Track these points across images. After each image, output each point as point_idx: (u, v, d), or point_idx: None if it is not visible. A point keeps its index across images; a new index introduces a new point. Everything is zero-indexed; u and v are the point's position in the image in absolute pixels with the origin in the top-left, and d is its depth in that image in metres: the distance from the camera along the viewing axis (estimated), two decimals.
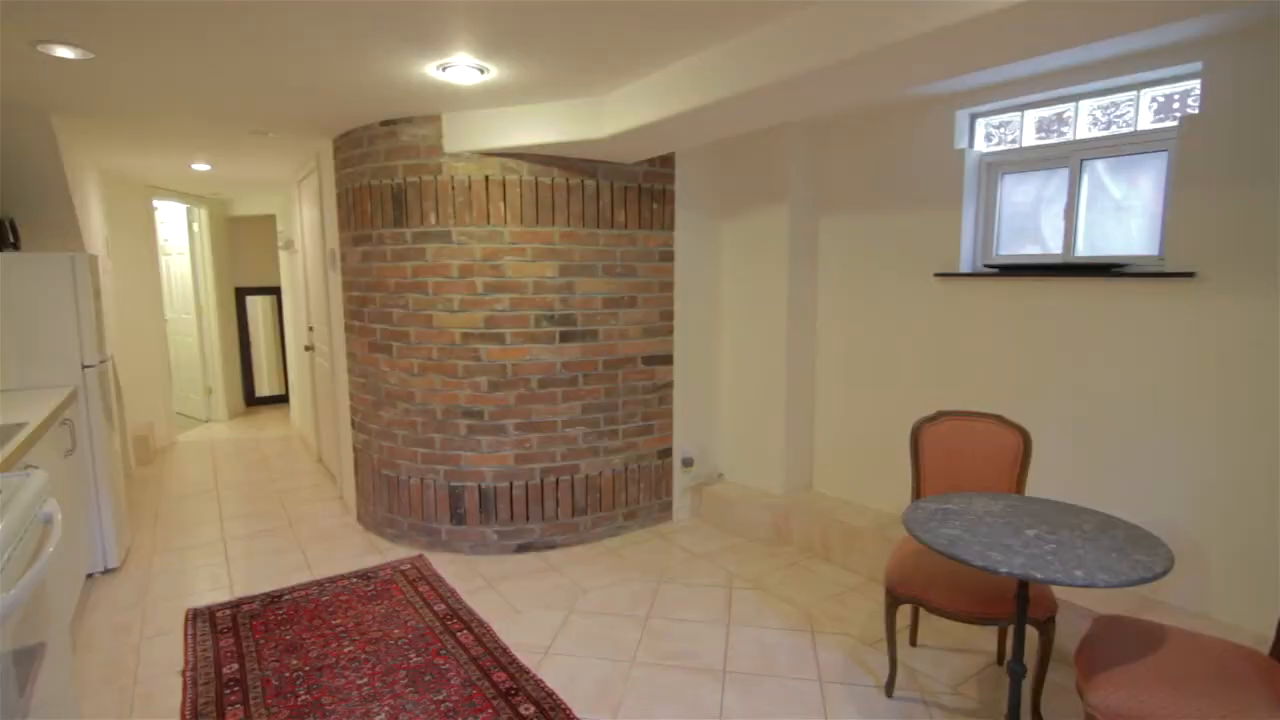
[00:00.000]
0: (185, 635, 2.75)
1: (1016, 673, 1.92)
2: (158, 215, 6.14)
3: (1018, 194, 3.05)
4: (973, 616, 2.10)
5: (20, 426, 2.34)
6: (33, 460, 2.36)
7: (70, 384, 3.15)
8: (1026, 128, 2.97)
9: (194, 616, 2.89)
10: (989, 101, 2.94)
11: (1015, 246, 3.05)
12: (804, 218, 3.56)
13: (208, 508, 4.29)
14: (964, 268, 3.05)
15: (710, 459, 4.06)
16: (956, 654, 2.59)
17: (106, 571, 3.33)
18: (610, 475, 3.70)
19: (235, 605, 2.98)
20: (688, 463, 3.94)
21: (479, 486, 3.50)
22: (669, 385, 3.84)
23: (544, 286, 3.43)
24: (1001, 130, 3.06)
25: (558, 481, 3.57)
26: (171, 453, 5.63)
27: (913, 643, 2.64)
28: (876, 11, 1.84)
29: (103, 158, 4.49)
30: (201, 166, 4.85)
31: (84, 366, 3.18)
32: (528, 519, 3.55)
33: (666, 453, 3.88)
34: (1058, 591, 2.53)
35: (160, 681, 2.45)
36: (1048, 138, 2.91)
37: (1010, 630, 2.58)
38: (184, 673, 2.50)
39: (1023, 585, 1.90)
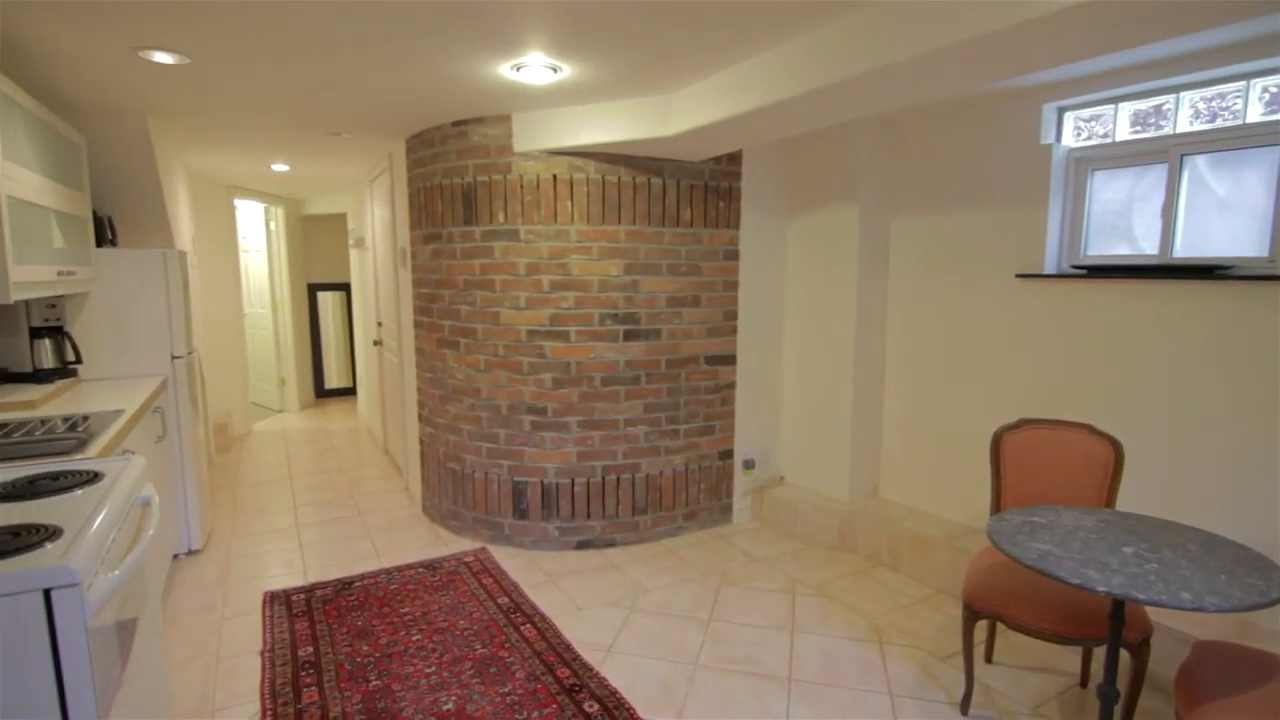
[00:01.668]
0: (263, 617, 2.86)
1: (1109, 697, 1.81)
2: (238, 214, 6.43)
3: (1108, 191, 2.89)
4: (1058, 635, 2.00)
5: (118, 413, 2.48)
6: (129, 446, 2.49)
7: (161, 374, 3.31)
8: (1120, 121, 2.81)
9: (271, 599, 3.01)
10: (1079, 94, 2.80)
11: (1104, 246, 2.89)
12: (875, 216, 3.46)
13: (282, 495, 4.46)
14: (1049, 269, 2.91)
15: (772, 461, 4.00)
16: (1035, 673, 2.47)
17: (190, 553, 3.50)
18: (671, 475, 3.68)
19: (309, 590, 3.08)
20: (749, 464, 3.89)
21: (541, 482, 3.53)
22: (731, 385, 3.79)
23: (609, 285, 3.43)
24: (1092, 124, 2.90)
25: (619, 480, 3.58)
26: (248, 441, 5.88)
27: (988, 659, 2.53)
28: (954, 8, 1.76)
29: (190, 159, 4.72)
30: (280, 167, 5.05)
31: (173, 357, 3.34)
32: (588, 516, 3.56)
33: (727, 454, 3.84)
34: (1150, 612, 2.39)
35: (241, 660, 2.56)
36: (1144, 131, 2.75)
37: (1096, 651, 2.44)
38: (263, 653, 2.59)
39: (1118, 605, 1.79)
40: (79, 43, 2.32)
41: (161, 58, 2.47)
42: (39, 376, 2.93)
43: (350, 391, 7.76)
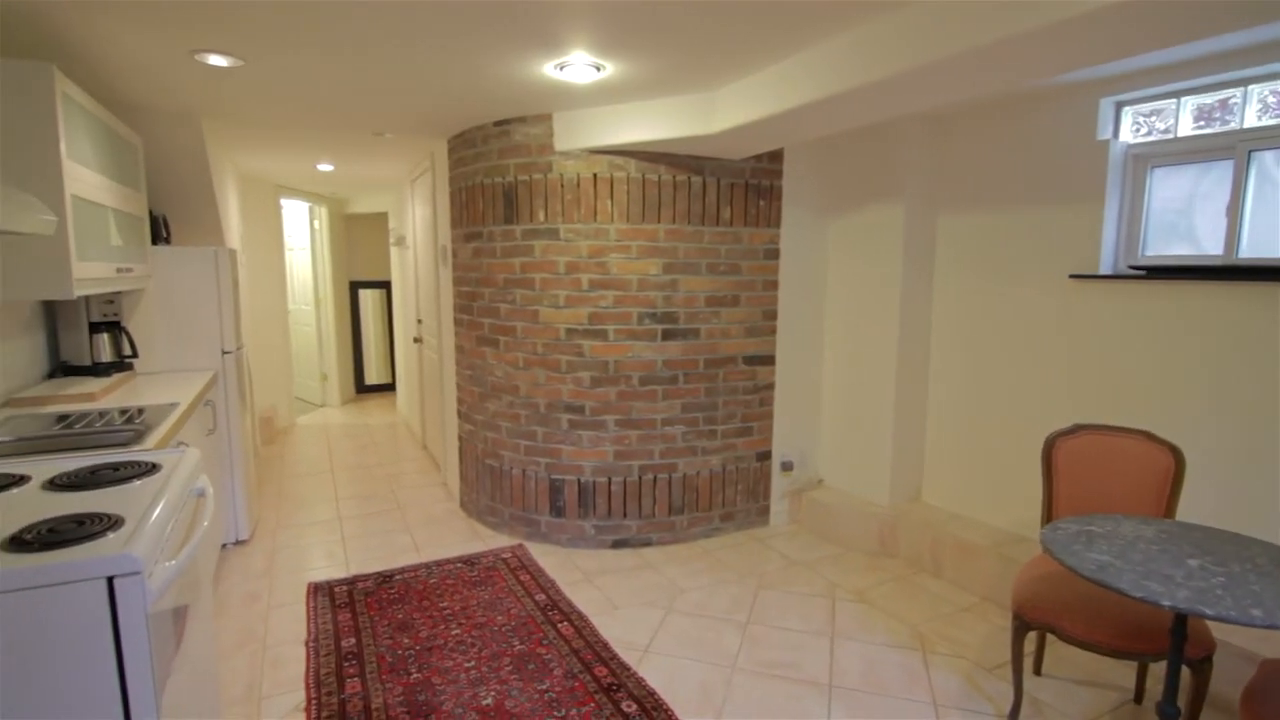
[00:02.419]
0: (307, 607, 2.92)
1: (1169, 715, 1.74)
2: (283, 213, 6.58)
3: (1168, 189, 2.78)
4: (1114, 649, 1.93)
5: (173, 406, 2.55)
6: (183, 438, 2.57)
7: (212, 368, 3.40)
8: (1183, 116, 2.70)
9: (315, 590, 3.07)
10: (1138, 88, 2.69)
11: (1163, 246, 2.78)
12: (921, 214, 3.39)
13: (324, 488, 4.55)
14: (1104, 269, 2.81)
15: (810, 464, 3.95)
16: (1087, 687, 2.39)
17: (238, 543, 3.59)
18: (708, 475, 3.65)
19: (351, 582, 3.14)
20: (787, 466, 3.84)
21: (578, 480, 3.54)
22: (770, 386, 3.75)
23: (647, 284, 3.42)
24: (1152, 119, 2.79)
25: (655, 479, 3.56)
26: (291, 434, 6.02)
27: (1037, 671, 2.46)
28: (1001, 5, 1.71)
29: (239, 159, 4.85)
30: (326, 166, 5.15)
31: (224, 352, 3.43)
32: (625, 515, 3.56)
33: (765, 455, 3.80)
34: (1212, 628, 2.29)
35: (286, 649, 2.61)
36: (1208, 127, 2.64)
37: (1152, 667, 2.35)
38: (307, 643, 2.65)
39: (1180, 620, 1.72)
40: (139, 46, 2.39)
41: (216, 60, 2.53)
42: (97, 370, 3.04)
43: (389, 387, 7.89)
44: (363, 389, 7.80)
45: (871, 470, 3.62)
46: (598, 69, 2.59)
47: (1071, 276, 2.87)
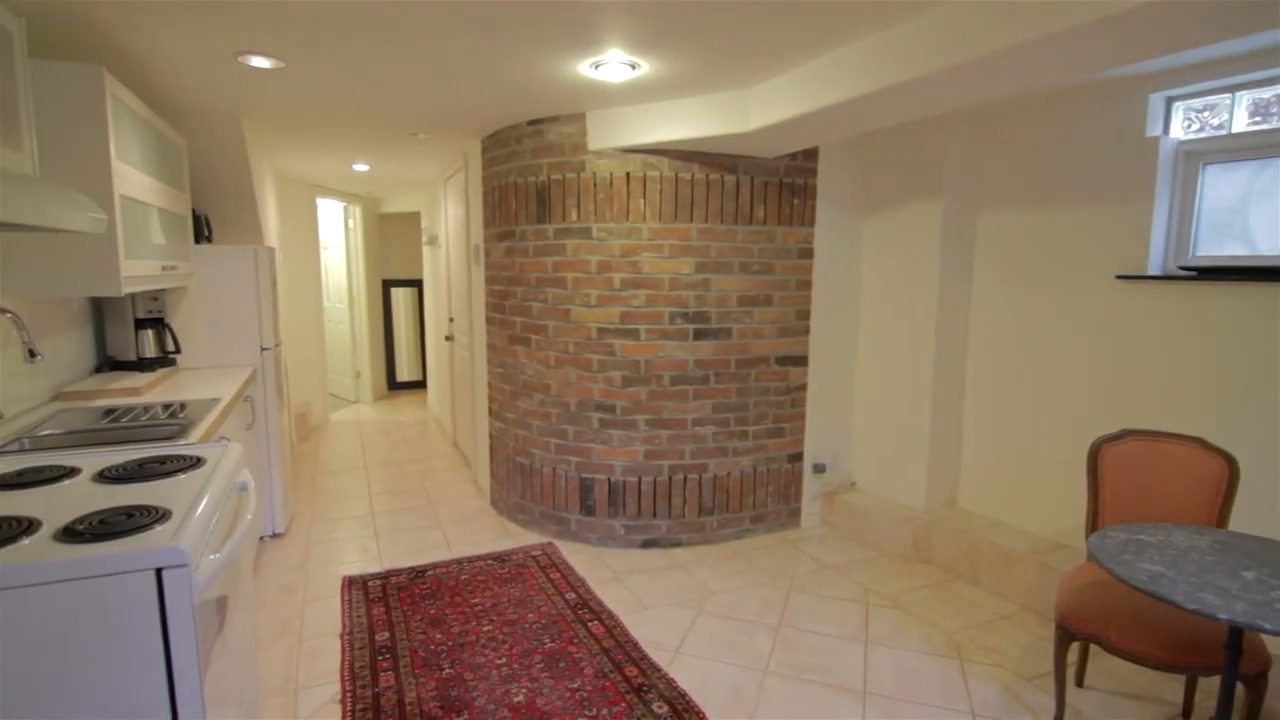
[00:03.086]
0: (342, 601, 2.96)
1: None
2: (319, 212, 6.69)
3: (1221, 187, 2.68)
4: (1163, 663, 1.87)
5: (215, 401, 2.60)
6: (224, 432, 2.62)
7: (251, 364, 3.47)
8: (1237, 111, 2.60)
9: (349, 584, 3.11)
10: (1191, 83, 2.60)
11: (1215, 246, 2.69)
12: (960, 213, 3.32)
13: (357, 483, 4.62)
14: (1153, 269, 2.72)
15: (843, 466, 3.90)
16: (1131, 700, 2.32)
17: (274, 536, 3.65)
18: (739, 476, 3.62)
19: (384, 576, 3.17)
20: (819, 468, 3.79)
21: (608, 480, 3.54)
22: (802, 387, 3.71)
23: (679, 283, 3.41)
24: (1205, 114, 2.70)
25: (685, 479, 3.55)
26: (325, 430, 6.12)
27: (1079, 683, 2.39)
28: (1042, 4, 1.66)
29: (278, 159, 4.94)
30: (361, 166, 5.22)
31: (262, 349, 3.50)
32: (654, 515, 3.55)
33: (797, 457, 3.76)
34: (1268, 642, 2.21)
35: (321, 642, 2.65)
36: (1264, 122, 2.54)
37: (1202, 681, 2.28)
38: (342, 636, 2.68)
39: (1235, 634, 1.66)
40: (184, 49, 2.45)
41: (258, 62, 2.58)
42: (142, 365, 3.11)
43: (420, 385, 7.98)
44: (394, 386, 7.90)
45: (906, 474, 3.56)
46: (633, 67, 2.59)
47: (1118, 277, 2.78)
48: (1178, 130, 2.74)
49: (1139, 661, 1.90)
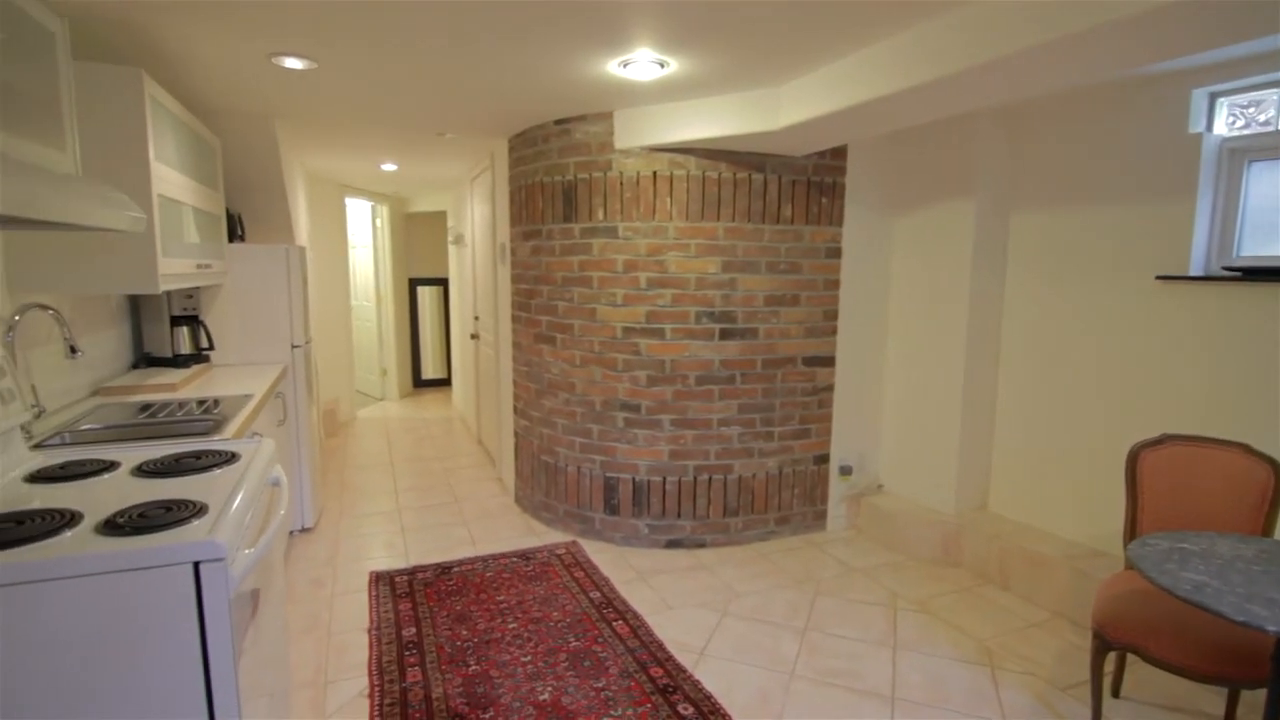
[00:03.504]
0: (369, 595, 2.99)
1: None
2: (347, 212, 6.78)
3: (1267, 185, 2.60)
4: (1205, 674, 1.81)
5: (248, 398, 2.64)
6: (256, 428, 2.66)
7: (282, 362, 3.52)
8: None
9: (376, 579, 3.14)
10: (1235, 78, 2.52)
11: (1261, 246, 2.61)
12: (992, 212, 3.26)
13: (384, 480, 4.67)
14: (1195, 270, 2.65)
15: (870, 468, 3.85)
16: (1169, 712, 2.25)
17: (304, 530, 3.71)
18: (764, 478, 3.60)
19: (411, 572, 3.20)
20: (846, 470, 3.75)
21: (633, 479, 3.53)
22: (829, 388, 3.67)
23: (705, 283, 3.39)
24: (1250, 110, 2.62)
25: (710, 480, 3.53)
26: (353, 427, 6.20)
27: (1115, 694, 2.33)
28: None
29: (308, 159, 5.01)
30: (389, 166, 5.28)
31: (293, 346, 3.55)
32: (679, 515, 3.54)
33: (823, 458, 3.72)
34: None
35: (350, 636, 2.68)
36: None
37: (1245, 694, 2.21)
38: (369, 630, 2.71)
39: None
40: (220, 51, 2.49)
41: (292, 63, 2.61)
42: (177, 361, 3.17)
43: (444, 382, 8.05)
44: (419, 383, 7.98)
45: (935, 477, 3.50)
46: (662, 66, 2.58)
47: (1158, 278, 2.71)
48: (1221, 127, 2.66)
49: (1180, 673, 1.85)
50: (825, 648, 2.62)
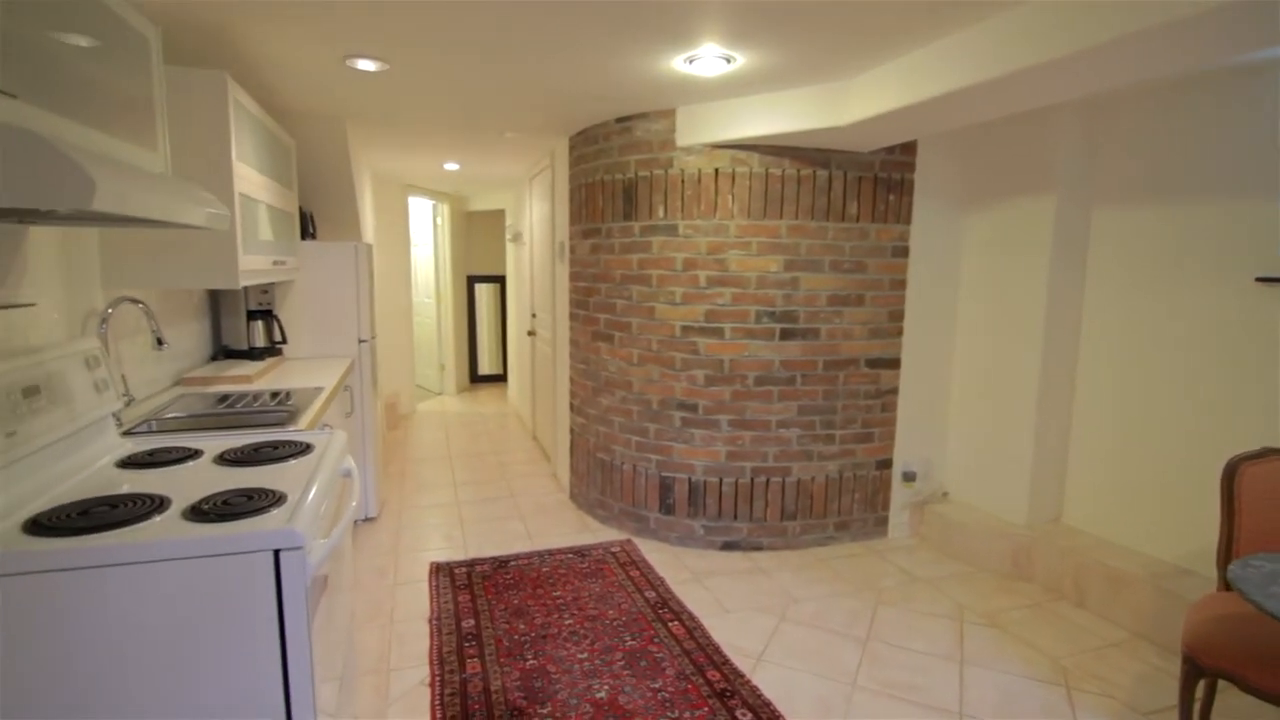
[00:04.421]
0: (430, 586, 3.05)
1: None
2: (410, 210, 6.95)
3: None
4: None
5: (319, 390, 2.73)
6: (326, 420, 2.74)
7: (349, 356, 3.63)
8: None
9: (436, 570, 3.20)
10: None
11: None
12: (1073, 210, 3.10)
13: (442, 473, 4.77)
14: None
15: (935, 475, 3.72)
16: None
17: (367, 520, 3.81)
18: (823, 481, 3.52)
19: (470, 564, 3.25)
20: (909, 477, 3.64)
21: (689, 479, 3.51)
22: (893, 391, 3.56)
23: (766, 281, 3.33)
24: None
25: (768, 482, 3.47)
26: (412, 420, 6.35)
27: None
28: None
29: (375, 159, 5.15)
30: (452, 166, 5.38)
31: (360, 341, 3.65)
32: (735, 517, 3.49)
33: (886, 464, 3.61)
34: None
35: (411, 625, 2.74)
36: None
37: None
38: (430, 620, 2.76)
39: None
40: (298, 54, 2.57)
41: (364, 65, 2.68)
42: (253, 354, 3.30)
43: (500, 378, 8.18)
44: (475, 379, 8.13)
45: (1006, 486, 3.36)
46: (728, 61, 2.54)
47: (1258, 279, 2.53)
48: None
49: None
50: (888, 659, 2.54)
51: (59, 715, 1.22)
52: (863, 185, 3.35)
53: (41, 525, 1.27)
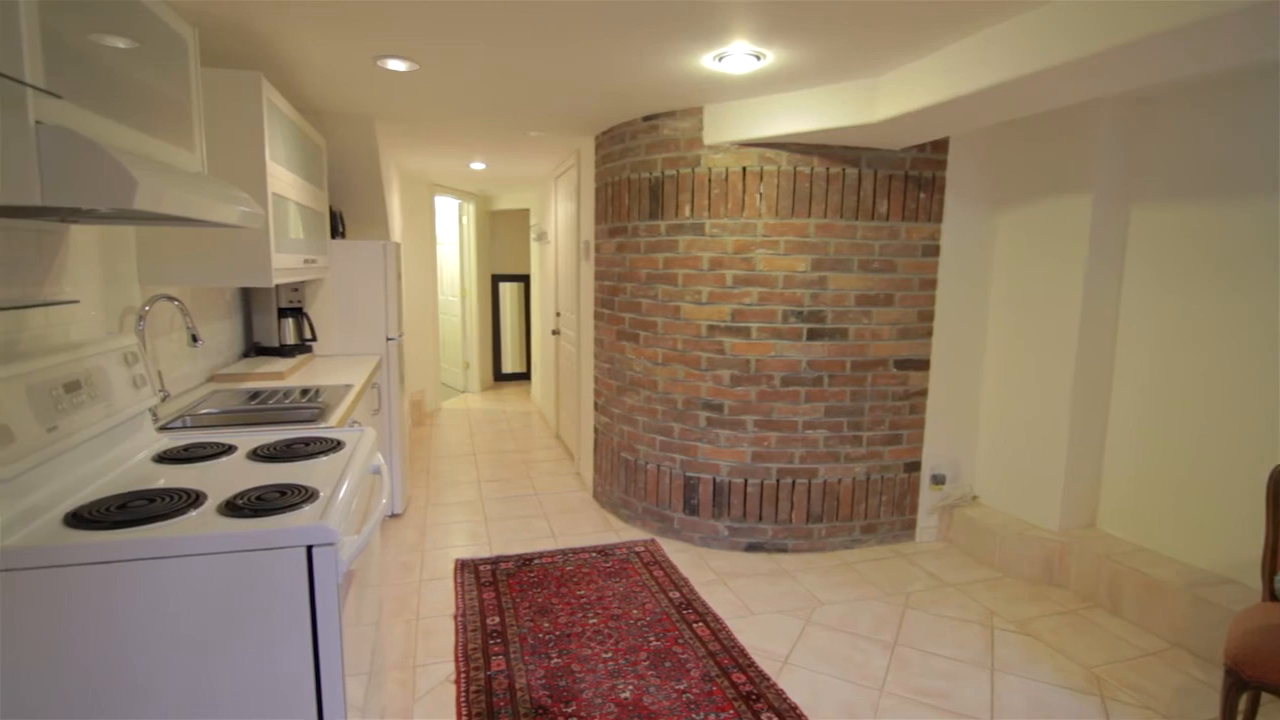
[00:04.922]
0: (455, 583, 3.07)
1: None
2: (436, 209, 7.01)
3: None
4: None
5: (348, 388, 2.75)
6: (355, 417, 2.77)
7: (377, 353, 3.66)
8: None
9: (461, 567, 3.22)
10: None
11: None
12: (1110, 208, 3.03)
13: (467, 470, 4.80)
14: None
15: (964, 478, 3.66)
16: None
17: (393, 516, 3.85)
18: (850, 484, 3.48)
19: (494, 562, 3.27)
20: (938, 480, 3.58)
21: (713, 480, 3.49)
22: (922, 393, 3.51)
23: (794, 281, 3.30)
24: None
25: (794, 484, 3.44)
26: (437, 418, 6.41)
27: None
28: None
29: (402, 158, 5.19)
30: (478, 165, 5.41)
31: (388, 339, 3.69)
32: (760, 518, 3.47)
33: (914, 466, 3.56)
34: None
35: (437, 622, 2.76)
36: None
37: None
38: (455, 617, 2.78)
39: None
40: (330, 54, 2.59)
41: (395, 65, 2.70)
42: (284, 351, 3.35)
43: (523, 377, 8.21)
44: (499, 377, 8.17)
45: (1038, 490, 3.29)
46: (758, 58, 2.51)
47: None
48: None
49: None
50: (917, 664, 2.51)
51: (94, 704, 1.24)
52: (893, 183, 3.30)
53: (82, 518, 1.30)
